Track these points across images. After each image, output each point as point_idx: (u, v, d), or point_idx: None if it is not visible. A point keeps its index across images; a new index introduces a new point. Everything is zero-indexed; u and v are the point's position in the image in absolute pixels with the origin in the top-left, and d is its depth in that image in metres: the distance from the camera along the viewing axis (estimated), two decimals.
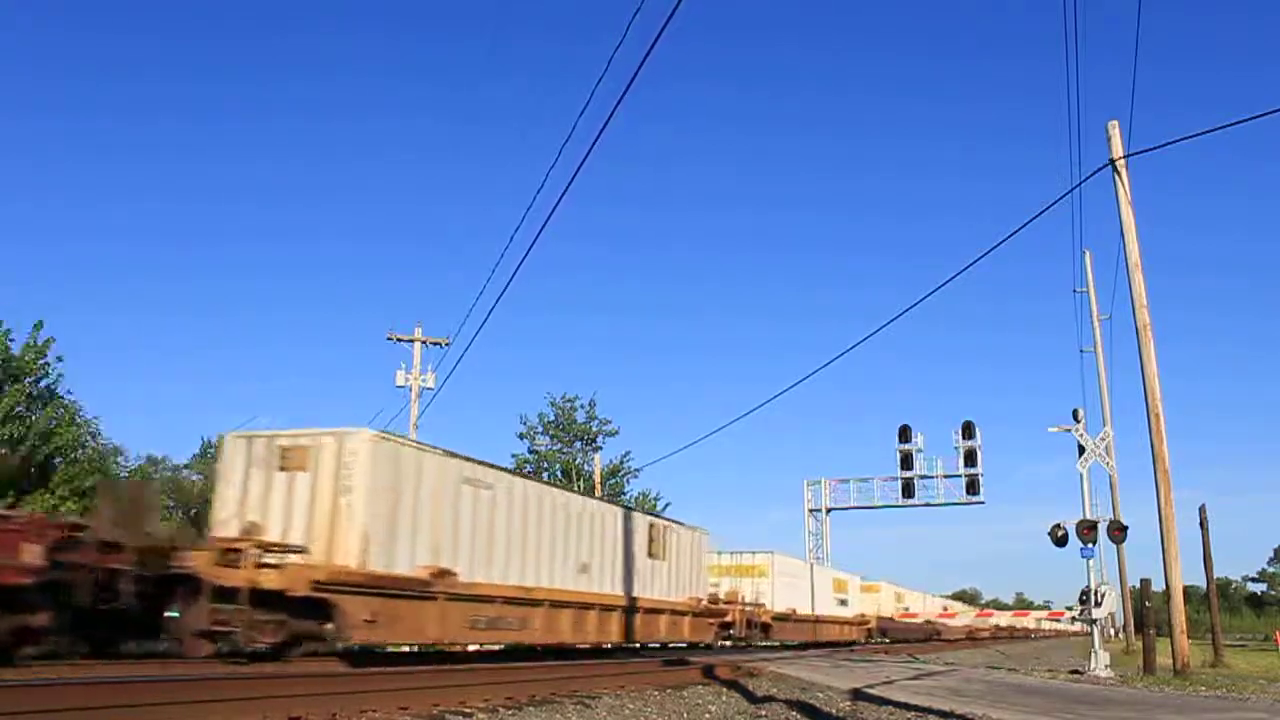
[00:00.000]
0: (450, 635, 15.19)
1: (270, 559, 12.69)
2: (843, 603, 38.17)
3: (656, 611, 21.80)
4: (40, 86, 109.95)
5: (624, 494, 45.43)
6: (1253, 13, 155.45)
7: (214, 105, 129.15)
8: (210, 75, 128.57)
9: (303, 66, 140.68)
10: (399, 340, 32.09)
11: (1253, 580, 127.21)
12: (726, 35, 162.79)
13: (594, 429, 45.53)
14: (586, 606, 18.84)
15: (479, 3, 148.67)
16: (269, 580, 12.41)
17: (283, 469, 13.57)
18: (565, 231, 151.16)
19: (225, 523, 13.60)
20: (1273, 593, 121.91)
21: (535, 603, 16.96)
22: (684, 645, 23.81)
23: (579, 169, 12.69)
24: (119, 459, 37.50)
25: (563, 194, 13.58)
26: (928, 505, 48.98)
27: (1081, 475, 18.75)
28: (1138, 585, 22.80)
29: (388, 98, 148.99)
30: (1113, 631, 53.19)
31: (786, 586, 31.49)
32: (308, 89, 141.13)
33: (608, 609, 19.64)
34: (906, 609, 46.98)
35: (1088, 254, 33.62)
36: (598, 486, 40.59)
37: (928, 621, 47.47)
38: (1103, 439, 19.35)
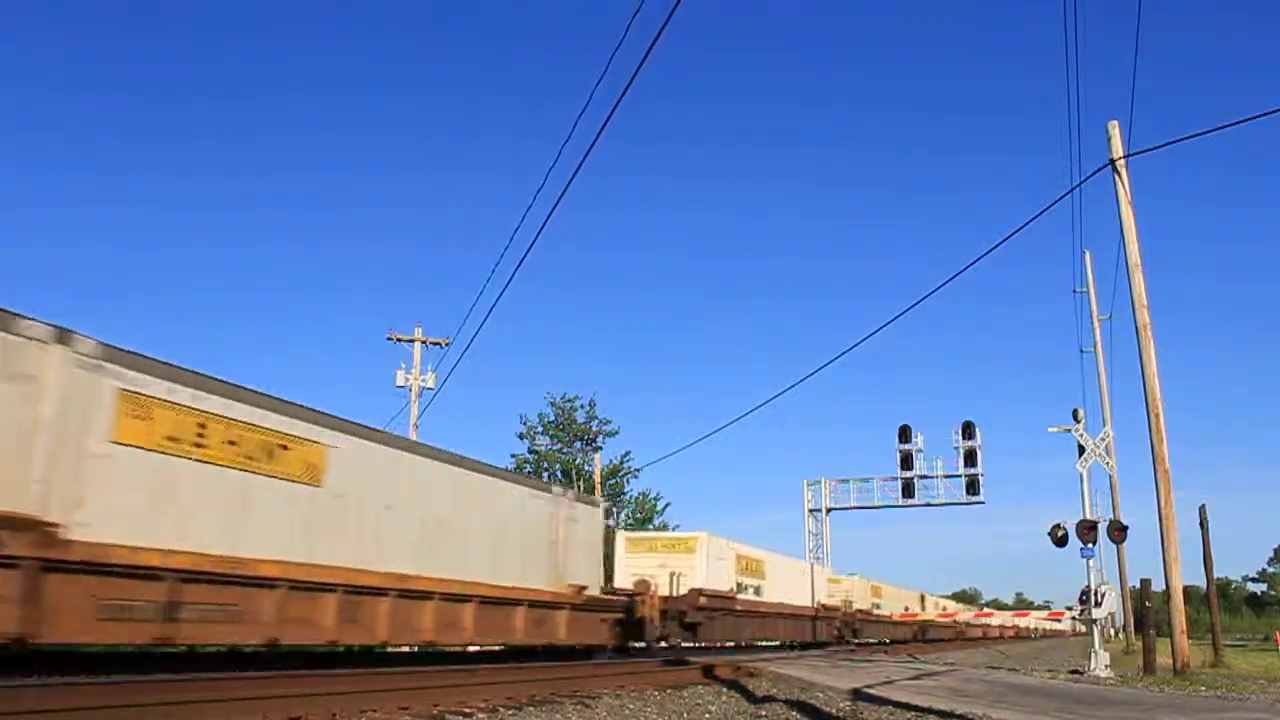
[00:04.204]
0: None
1: None
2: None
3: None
4: (48, 96, 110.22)
5: (624, 494, 45.43)
6: (1254, 15, 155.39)
7: (216, 115, 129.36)
8: (212, 85, 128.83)
9: (304, 75, 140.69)
10: (399, 340, 32.11)
11: (1253, 580, 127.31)
12: (726, 44, 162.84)
13: (594, 429, 45.52)
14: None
15: (480, 10, 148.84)
16: None
17: None
18: (566, 233, 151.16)
19: None
20: (1273, 593, 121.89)
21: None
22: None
23: (578, 169, 12.75)
24: None
25: (562, 194, 13.62)
26: (928, 505, 48.99)
27: (1081, 475, 18.76)
28: (1138, 585, 22.76)
29: (389, 103, 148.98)
30: (1113, 631, 53.19)
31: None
32: (309, 97, 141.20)
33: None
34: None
35: (1088, 254, 33.68)
36: (598, 487, 40.57)
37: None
38: (1103, 439, 19.36)
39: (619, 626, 19.82)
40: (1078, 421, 19.61)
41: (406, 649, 16.06)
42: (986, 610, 79.65)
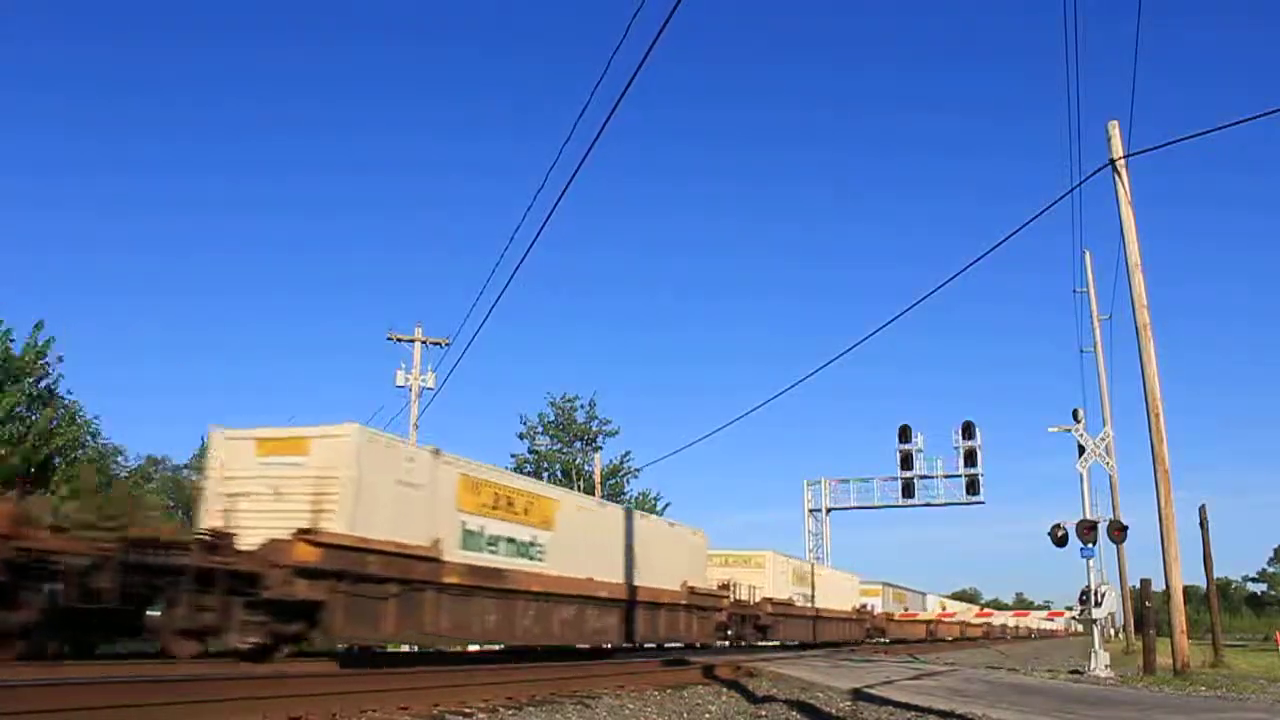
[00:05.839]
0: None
1: None
2: None
3: None
4: (47, 99, 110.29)
5: (624, 494, 45.41)
6: (1253, 16, 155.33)
7: (215, 118, 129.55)
8: (211, 88, 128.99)
9: (303, 77, 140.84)
10: (399, 340, 32.08)
11: (1253, 580, 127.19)
12: (726, 45, 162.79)
13: (594, 429, 45.50)
14: None
15: (478, 12, 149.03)
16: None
17: None
18: (566, 234, 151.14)
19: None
20: (1273, 593, 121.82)
21: None
22: None
23: (578, 170, 12.71)
24: (119, 459, 37.53)
25: (562, 194, 13.57)
26: (928, 505, 49.01)
27: (1081, 475, 18.75)
28: (1138, 585, 22.77)
29: (389, 104, 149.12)
30: (1113, 631, 53.15)
31: None
32: (309, 99, 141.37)
33: None
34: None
35: (1088, 254, 33.61)
36: (598, 486, 40.57)
37: None
38: (1103, 439, 19.35)
39: None
40: (1078, 421, 19.61)
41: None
42: (986, 610, 79.63)
